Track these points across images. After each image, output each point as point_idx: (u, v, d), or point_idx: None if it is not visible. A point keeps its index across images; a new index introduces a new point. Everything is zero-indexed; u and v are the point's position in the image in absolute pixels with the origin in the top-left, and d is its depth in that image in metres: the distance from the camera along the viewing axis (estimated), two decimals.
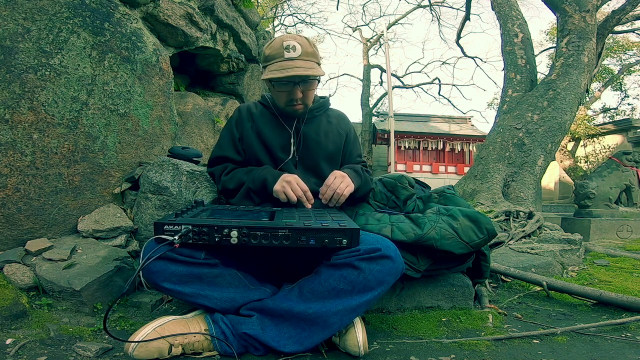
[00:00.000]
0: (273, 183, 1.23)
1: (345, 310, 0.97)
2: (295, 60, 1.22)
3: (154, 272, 0.97)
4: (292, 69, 1.20)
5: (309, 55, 1.25)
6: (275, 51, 1.24)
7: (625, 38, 12.25)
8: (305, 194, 1.22)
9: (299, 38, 1.26)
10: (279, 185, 1.22)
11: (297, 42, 1.23)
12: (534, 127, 4.33)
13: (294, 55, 1.22)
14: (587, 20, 4.66)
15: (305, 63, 1.23)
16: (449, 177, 15.49)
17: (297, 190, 1.21)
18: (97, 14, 1.56)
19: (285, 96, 1.29)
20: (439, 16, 18.01)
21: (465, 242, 1.21)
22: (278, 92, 1.29)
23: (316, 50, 1.28)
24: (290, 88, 1.26)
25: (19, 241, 1.35)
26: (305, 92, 1.28)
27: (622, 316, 1.34)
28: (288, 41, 1.23)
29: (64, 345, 1.01)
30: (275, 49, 1.24)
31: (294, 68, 1.21)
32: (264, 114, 1.39)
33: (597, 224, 4.29)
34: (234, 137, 1.38)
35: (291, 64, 1.21)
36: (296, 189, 1.21)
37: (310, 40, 1.28)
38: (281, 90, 1.28)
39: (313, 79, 1.27)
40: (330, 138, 1.40)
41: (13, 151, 1.32)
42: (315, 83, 1.30)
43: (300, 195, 1.21)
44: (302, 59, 1.23)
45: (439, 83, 17.94)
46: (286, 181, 1.22)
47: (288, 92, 1.27)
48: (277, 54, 1.23)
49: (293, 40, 1.24)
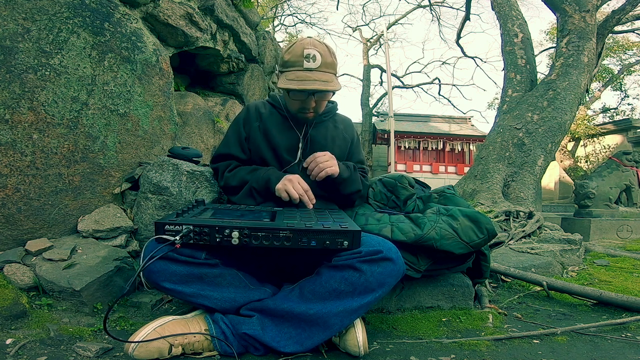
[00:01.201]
0: (276, 183, 1.24)
1: (346, 311, 0.97)
2: (314, 72, 1.21)
3: (155, 272, 0.97)
4: (310, 82, 1.20)
5: (328, 67, 1.23)
6: (295, 58, 1.22)
7: (625, 38, 12.24)
8: (306, 193, 1.23)
9: (319, 46, 1.23)
10: (281, 183, 1.23)
11: (317, 50, 1.21)
12: (534, 127, 4.33)
13: (313, 66, 1.20)
14: (587, 20, 4.66)
15: (323, 75, 1.22)
16: (449, 177, 15.49)
17: (299, 188, 1.21)
18: (97, 14, 1.56)
19: (298, 104, 1.29)
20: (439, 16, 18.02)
21: (465, 242, 1.21)
22: (292, 100, 1.29)
23: (335, 60, 1.27)
24: (304, 97, 1.26)
25: (19, 241, 1.35)
26: (318, 102, 1.29)
27: (622, 316, 1.34)
28: (309, 49, 1.20)
29: (64, 345, 1.01)
30: (295, 56, 1.22)
31: (312, 81, 1.20)
32: (273, 115, 1.39)
33: (597, 224, 4.29)
34: (241, 135, 1.38)
35: (310, 76, 1.20)
36: (297, 187, 1.21)
37: (330, 49, 1.26)
38: (296, 98, 1.28)
39: (329, 92, 1.27)
40: (336, 143, 1.41)
41: (13, 151, 1.32)
42: (330, 95, 1.31)
43: (301, 194, 1.21)
44: (321, 71, 1.21)
45: (439, 83, 17.95)
46: (288, 180, 1.23)
47: (302, 101, 1.28)
48: (297, 62, 1.22)
49: (314, 49, 1.21)
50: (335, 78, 1.27)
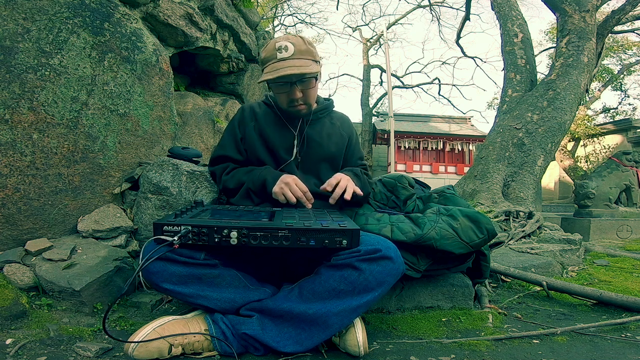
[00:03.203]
0: (272, 184, 1.23)
1: (345, 310, 0.97)
2: (287, 60, 1.22)
3: (154, 272, 0.97)
4: (284, 69, 1.20)
5: (303, 53, 1.24)
6: (269, 53, 1.24)
7: (625, 38, 12.24)
8: (305, 195, 1.22)
9: (292, 38, 1.25)
10: (277, 187, 1.22)
11: (289, 42, 1.23)
12: (534, 127, 4.33)
13: (286, 55, 1.22)
14: (587, 20, 4.66)
15: (297, 62, 1.22)
16: (449, 177, 15.49)
17: (297, 191, 1.20)
18: (97, 14, 1.56)
19: (285, 97, 1.29)
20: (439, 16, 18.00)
21: (465, 242, 1.21)
22: (278, 94, 1.30)
23: (312, 47, 1.27)
24: (287, 89, 1.26)
25: (19, 241, 1.35)
26: (304, 91, 1.28)
27: (622, 316, 1.34)
28: (280, 42, 1.23)
29: (64, 345, 1.01)
30: (269, 51, 1.24)
31: (286, 67, 1.20)
32: (268, 114, 1.39)
33: (597, 224, 4.29)
34: (236, 136, 1.38)
35: (283, 64, 1.21)
36: (295, 190, 1.20)
37: (305, 39, 1.28)
38: (280, 91, 1.28)
39: (309, 77, 1.25)
40: (332, 140, 1.41)
41: (13, 151, 1.32)
42: (313, 81, 1.28)
43: (300, 196, 1.21)
44: (295, 58, 1.22)
45: (439, 83, 17.91)
46: (285, 183, 1.21)
47: (287, 93, 1.27)
48: (271, 56, 1.23)
49: (285, 40, 1.23)
50: (313, 63, 1.25)
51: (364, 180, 1.40)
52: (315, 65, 1.26)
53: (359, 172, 1.41)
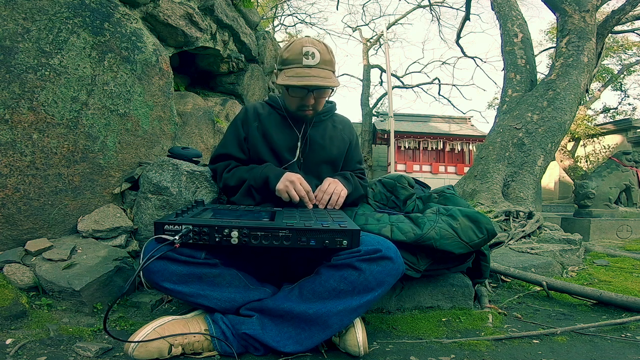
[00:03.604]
0: (275, 181, 1.24)
1: (345, 310, 0.97)
2: (313, 69, 1.22)
3: (154, 271, 0.97)
4: (310, 78, 1.21)
5: (327, 64, 1.25)
6: (294, 56, 1.24)
7: (625, 38, 12.24)
8: (308, 194, 1.23)
9: (318, 45, 1.25)
10: (281, 184, 1.22)
11: (316, 48, 1.23)
12: (534, 127, 4.33)
13: (312, 63, 1.22)
14: (587, 20, 4.66)
15: (322, 72, 1.23)
16: (449, 177, 15.49)
17: (301, 190, 1.21)
18: (97, 14, 1.56)
19: (297, 101, 1.30)
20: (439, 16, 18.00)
21: (465, 242, 1.21)
22: (291, 97, 1.30)
23: (333, 58, 1.29)
24: (304, 95, 1.27)
25: (18, 241, 1.35)
26: (317, 99, 1.30)
27: (622, 316, 1.34)
28: (307, 47, 1.22)
29: (63, 345, 1.01)
30: (294, 54, 1.24)
31: (311, 77, 1.21)
32: (271, 115, 1.40)
33: (597, 224, 4.29)
34: (239, 136, 1.38)
35: (309, 72, 1.22)
36: (299, 189, 1.21)
37: (328, 48, 1.28)
38: (295, 95, 1.28)
39: (329, 89, 1.28)
40: (334, 143, 1.42)
41: (13, 151, 1.32)
42: (329, 92, 1.31)
43: (303, 196, 1.21)
44: (320, 67, 1.23)
45: (438, 83, 17.93)
46: (290, 181, 1.22)
47: (301, 98, 1.28)
48: (296, 60, 1.23)
49: (312, 46, 1.23)
50: (333, 75, 1.28)
51: (355, 184, 1.41)
52: (335, 78, 1.28)
53: (348, 175, 1.42)
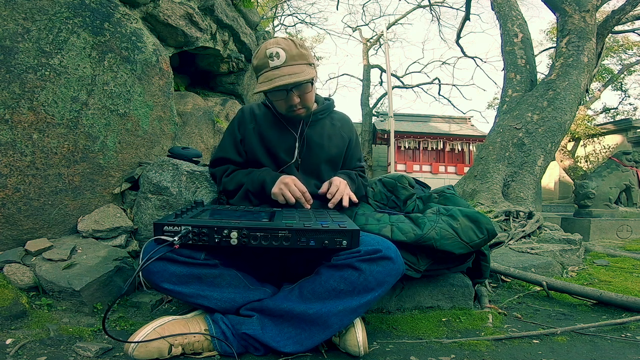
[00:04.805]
0: (271, 185, 1.23)
1: (345, 311, 0.97)
2: (281, 68, 1.19)
3: (154, 272, 0.97)
4: (277, 79, 1.18)
5: (296, 59, 1.21)
6: (260, 61, 1.22)
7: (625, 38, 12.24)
8: (303, 195, 1.21)
9: (282, 42, 1.21)
10: (276, 188, 1.21)
11: (280, 47, 1.19)
12: (534, 127, 4.33)
13: (278, 63, 1.19)
14: (587, 20, 4.66)
15: (291, 69, 1.19)
16: (449, 177, 15.49)
17: (296, 192, 1.20)
18: (97, 14, 1.56)
19: (283, 104, 1.27)
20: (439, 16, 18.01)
21: (465, 242, 1.21)
22: (275, 102, 1.29)
23: (304, 50, 1.24)
24: (284, 96, 1.23)
25: (19, 241, 1.35)
26: (302, 96, 1.25)
27: (622, 316, 1.34)
28: (271, 48, 1.19)
29: (63, 345, 1.01)
30: (260, 59, 1.22)
31: (280, 77, 1.18)
32: (267, 116, 1.38)
33: (597, 224, 4.29)
34: (236, 138, 1.37)
35: (277, 73, 1.18)
36: (294, 190, 1.20)
37: (295, 42, 1.24)
38: (277, 99, 1.26)
39: (305, 83, 1.23)
40: (333, 141, 1.40)
41: (13, 151, 1.32)
42: (309, 85, 1.25)
43: (298, 197, 1.20)
44: (287, 65, 1.19)
45: (439, 83, 17.92)
46: (284, 183, 1.21)
47: (284, 100, 1.25)
48: (263, 64, 1.21)
49: (276, 46, 1.19)
50: (306, 67, 1.23)
51: (358, 184, 1.42)
52: (310, 69, 1.23)
53: (353, 175, 1.42)
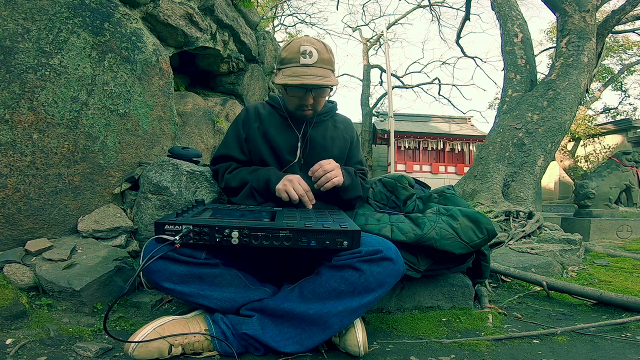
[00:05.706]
0: (276, 182, 1.24)
1: (345, 311, 0.97)
2: (311, 68, 1.22)
3: (155, 271, 0.97)
4: (306, 77, 1.20)
5: (325, 63, 1.24)
6: (291, 55, 1.23)
7: (625, 38, 12.24)
8: (307, 194, 1.23)
9: (317, 43, 1.25)
10: (281, 184, 1.23)
11: (314, 47, 1.22)
12: (534, 127, 4.33)
13: (310, 62, 1.22)
14: (587, 20, 4.66)
15: (320, 71, 1.22)
16: (449, 177, 15.49)
17: (299, 189, 1.21)
18: (97, 14, 1.56)
19: (296, 101, 1.29)
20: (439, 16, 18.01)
21: (465, 242, 1.21)
22: (290, 97, 1.30)
23: (332, 57, 1.28)
24: (302, 94, 1.26)
25: (19, 241, 1.35)
26: (317, 99, 1.29)
27: (622, 316, 1.34)
28: (305, 46, 1.22)
29: (64, 345, 1.01)
30: (292, 53, 1.23)
31: (309, 76, 1.21)
32: (272, 115, 1.40)
33: (597, 224, 4.29)
34: (240, 136, 1.38)
35: (306, 71, 1.21)
36: (298, 188, 1.21)
37: (327, 47, 1.27)
38: (293, 95, 1.28)
39: (328, 88, 1.27)
40: (336, 143, 1.41)
41: (13, 151, 1.32)
42: (328, 91, 1.30)
43: (301, 194, 1.21)
44: (317, 66, 1.22)
45: (439, 83, 17.94)
46: (288, 180, 1.22)
47: (300, 98, 1.28)
48: (293, 58, 1.23)
49: (310, 45, 1.23)
50: (332, 74, 1.27)
51: (355, 182, 1.38)
52: (334, 77, 1.27)
53: (352, 171, 1.40)
